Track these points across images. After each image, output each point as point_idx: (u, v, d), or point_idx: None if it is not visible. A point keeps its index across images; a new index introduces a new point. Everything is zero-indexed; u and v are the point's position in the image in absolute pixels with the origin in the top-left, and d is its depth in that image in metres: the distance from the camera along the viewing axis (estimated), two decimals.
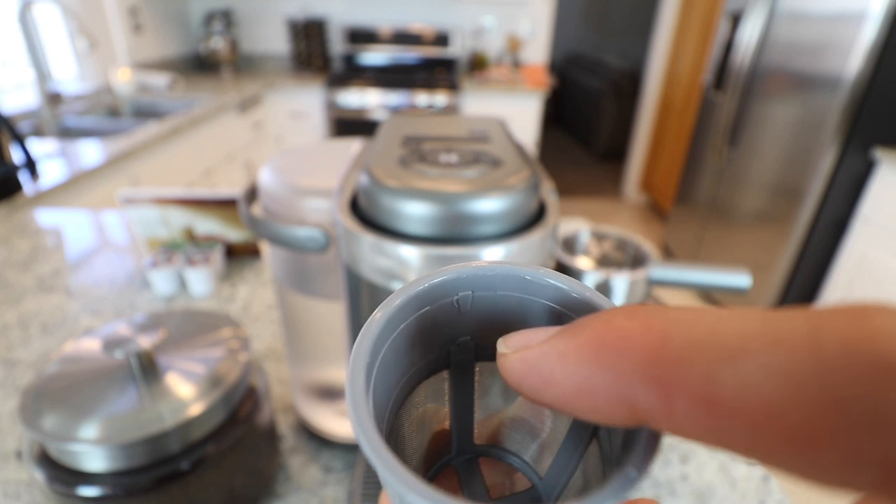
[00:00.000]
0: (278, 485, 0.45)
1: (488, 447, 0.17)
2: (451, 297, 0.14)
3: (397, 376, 0.14)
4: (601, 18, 4.73)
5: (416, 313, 0.14)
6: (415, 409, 0.16)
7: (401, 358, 0.14)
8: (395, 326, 0.13)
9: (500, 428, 0.17)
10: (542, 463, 0.16)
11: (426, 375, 0.16)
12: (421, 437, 0.17)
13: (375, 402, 0.12)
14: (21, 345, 0.62)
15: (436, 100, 2.44)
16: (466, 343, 0.15)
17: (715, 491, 0.47)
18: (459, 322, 0.15)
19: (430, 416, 0.17)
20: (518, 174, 0.30)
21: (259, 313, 0.69)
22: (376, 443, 0.10)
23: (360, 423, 0.10)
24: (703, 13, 2.60)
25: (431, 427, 0.17)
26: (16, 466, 0.46)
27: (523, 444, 0.17)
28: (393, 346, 0.13)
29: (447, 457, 0.17)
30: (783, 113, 1.76)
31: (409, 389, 0.15)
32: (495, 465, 0.17)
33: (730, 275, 0.40)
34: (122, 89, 2.03)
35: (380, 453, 0.10)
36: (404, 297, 0.13)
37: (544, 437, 0.16)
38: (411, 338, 0.14)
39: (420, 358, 0.15)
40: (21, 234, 0.90)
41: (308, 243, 0.36)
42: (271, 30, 2.85)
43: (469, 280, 0.14)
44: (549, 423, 0.16)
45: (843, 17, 1.52)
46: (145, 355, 0.35)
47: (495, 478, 0.17)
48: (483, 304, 0.14)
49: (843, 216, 1.68)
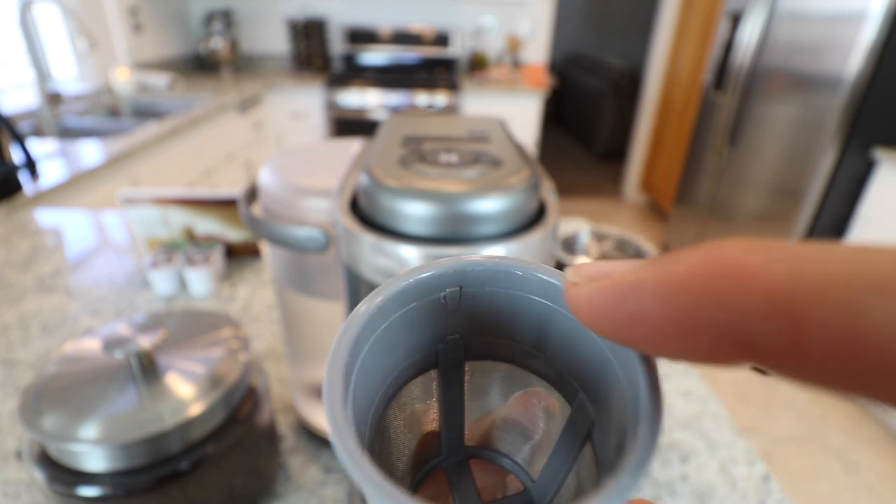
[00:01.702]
0: (278, 485, 0.45)
1: (479, 449, 0.17)
2: (437, 294, 0.13)
3: (381, 376, 0.13)
4: (601, 18, 4.73)
5: (401, 310, 0.13)
6: (402, 411, 0.15)
7: (385, 357, 0.13)
8: (378, 324, 0.12)
9: (491, 429, 0.17)
10: (535, 465, 0.16)
11: (414, 375, 0.15)
12: (409, 439, 0.16)
13: (356, 404, 0.11)
14: (21, 345, 0.62)
15: (436, 100, 2.44)
16: (455, 341, 0.15)
17: (715, 491, 0.47)
18: (447, 319, 0.14)
19: (418, 417, 0.16)
20: (518, 174, 0.30)
21: (259, 313, 0.69)
22: (354, 453, 0.09)
23: (337, 430, 0.09)
24: (703, 13, 2.60)
25: (420, 429, 0.16)
26: (16, 466, 0.46)
27: (515, 446, 0.16)
28: (376, 344, 0.12)
29: (437, 459, 0.17)
30: (783, 113, 1.76)
31: (396, 390, 0.15)
32: (487, 468, 0.17)
33: None
34: (122, 89, 2.03)
35: (358, 464, 0.09)
36: (387, 294, 0.12)
37: (537, 438, 0.16)
38: (396, 336, 0.13)
39: (406, 357, 0.14)
40: (21, 234, 0.90)
41: (308, 243, 0.36)
42: (271, 30, 2.85)
43: (456, 276, 0.13)
44: (542, 424, 0.15)
45: (843, 17, 1.52)
46: (145, 355, 0.35)
47: (487, 480, 0.16)
48: (472, 300, 0.14)
49: (843, 216, 1.68)
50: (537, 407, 0.16)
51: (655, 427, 0.10)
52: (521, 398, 0.16)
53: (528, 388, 0.16)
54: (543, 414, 0.16)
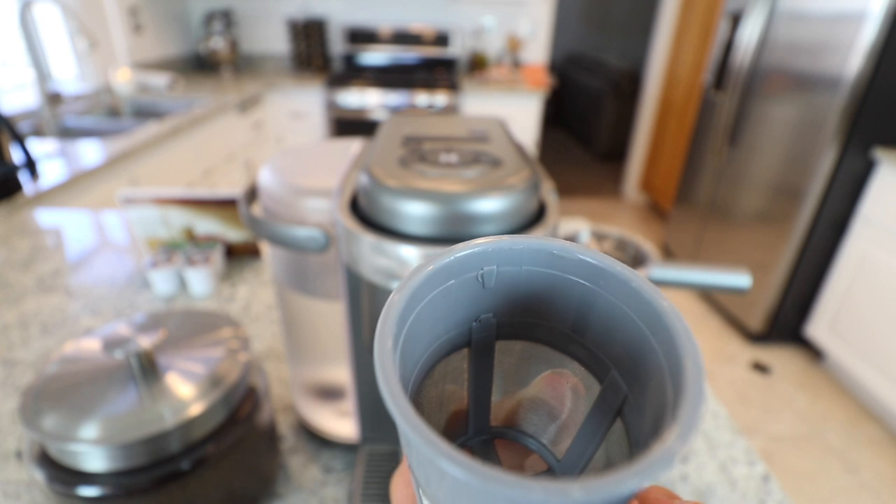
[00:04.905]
0: (278, 485, 0.45)
1: (505, 429, 0.17)
2: (475, 272, 0.13)
3: (421, 350, 0.14)
4: (601, 18, 4.73)
5: (441, 287, 0.13)
6: (434, 388, 0.16)
7: (424, 332, 0.13)
8: (421, 298, 0.13)
9: (517, 409, 0.17)
10: (560, 445, 0.16)
11: (448, 352, 0.15)
12: (439, 416, 0.16)
13: (401, 372, 0.12)
14: (21, 345, 0.62)
15: (436, 100, 2.44)
16: (488, 320, 0.15)
17: (715, 491, 0.47)
18: (483, 298, 0.14)
19: (448, 395, 0.16)
20: (518, 174, 0.30)
21: (259, 313, 0.69)
22: (405, 407, 0.10)
23: (392, 393, 0.10)
24: (703, 13, 2.60)
25: (449, 407, 0.16)
26: (16, 466, 0.46)
27: (541, 426, 0.16)
28: (417, 319, 0.13)
29: (463, 437, 0.17)
30: (783, 113, 1.76)
31: (431, 366, 0.15)
32: (511, 447, 0.17)
33: (730, 275, 0.40)
34: (122, 89, 2.03)
35: (411, 420, 0.09)
36: (430, 270, 0.13)
37: (563, 418, 0.16)
38: (434, 311, 0.13)
39: (443, 333, 0.14)
40: (21, 234, 0.90)
41: (308, 243, 0.36)
42: (271, 30, 2.85)
43: (494, 254, 0.13)
44: (569, 403, 0.16)
45: (843, 17, 1.52)
46: (145, 355, 0.35)
47: (511, 460, 0.17)
48: (508, 279, 0.14)
49: (843, 216, 1.67)
50: (565, 387, 0.16)
51: (700, 395, 0.10)
52: (549, 378, 0.16)
53: (556, 368, 0.16)
54: (571, 394, 0.16)
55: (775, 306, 1.85)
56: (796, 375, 1.80)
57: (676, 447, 0.09)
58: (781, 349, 1.93)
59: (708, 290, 0.41)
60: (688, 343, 0.11)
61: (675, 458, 0.09)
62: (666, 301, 0.12)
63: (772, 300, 1.84)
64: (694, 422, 0.10)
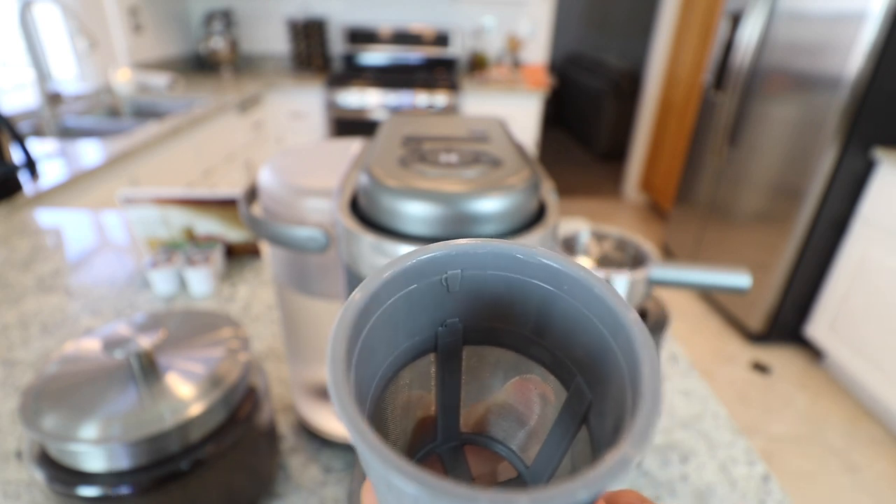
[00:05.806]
0: (278, 485, 0.45)
1: (474, 435, 0.17)
2: (439, 276, 0.13)
3: (381, 357, 0.13)
4: (601, 18, 4.73)
5: (403, 291, 0.13)
6: (399, 394, 0.15)
7: (385, 337, 0.13)
8: (381, 303, 0.12)
9: (486, 415, 0.17)
10: (529, 451, 0.16)
11: (412, 358, 0.15)
12: (405, 423, 0.16)
13: (357, 381, 0.11)
14: (21, 345, 0.62)
15: (436, 100, 2.44)
16: (455, 325, 0.15)
17: (715, 491, 0.47)
18: (448, 302, 0.14)
19: (415, 401, 0.16)
20: (518, 174, 0.30)
21: (259, 313, 0.69)
22: (358, 422, 0.09)
23: (341, 402, 0.10)
24: (703, 13, 2.60)
25: (416, 413, 0.16)
26: (16, 466, 0.46)
27: (510, 432, 0.16)
28: (377, 324, 0.12)
29: (432, 444, 0.17)
30: (783, 113, 1.76)
31: (394, 372, 0.15)
32: (481, 454, 0.17)
33: (730, 275, 0.40)
34: (122, 89, 2.03)
35: (362, 433, 0.09)
36: (390, 273, 0.12)
37: (532, 424, 0.16)
38: (397, 317, 0.13)
39: (406, 339, 0.14)
40: (21, 234, 0.90)
41: (308, 243, 0.36)
42: (271, 30, 2.85)
43: (458, 258, 0.13)
44: (538, 410, 0.15)
45: (843, 17, 1.52)
46: (145, 355, 0.35)
47: (481, 467, 0.16)
48: (473, 284, 0.14)
49: (843, 216, 1.68)
50: (533, 393, 0.16)
51: (656, 402, 0.10)
52: (518, 384, 0.16)
53: (525, 374, 0.16)
54: (539, 400, 0.16)
55: (775, 306, 1.85)
56: (796, 375, 1.80)
57: (630, 455, 0.09)
58: (781, 349, 1.93)
59: (708, 290, 0.41)
60: (646, 348, 0.11)
61: (629, 467, 0.09)
62: (626, 306, 0.12)
63: (772, 300, 1.84)
64: (649, 430, 0.10)
